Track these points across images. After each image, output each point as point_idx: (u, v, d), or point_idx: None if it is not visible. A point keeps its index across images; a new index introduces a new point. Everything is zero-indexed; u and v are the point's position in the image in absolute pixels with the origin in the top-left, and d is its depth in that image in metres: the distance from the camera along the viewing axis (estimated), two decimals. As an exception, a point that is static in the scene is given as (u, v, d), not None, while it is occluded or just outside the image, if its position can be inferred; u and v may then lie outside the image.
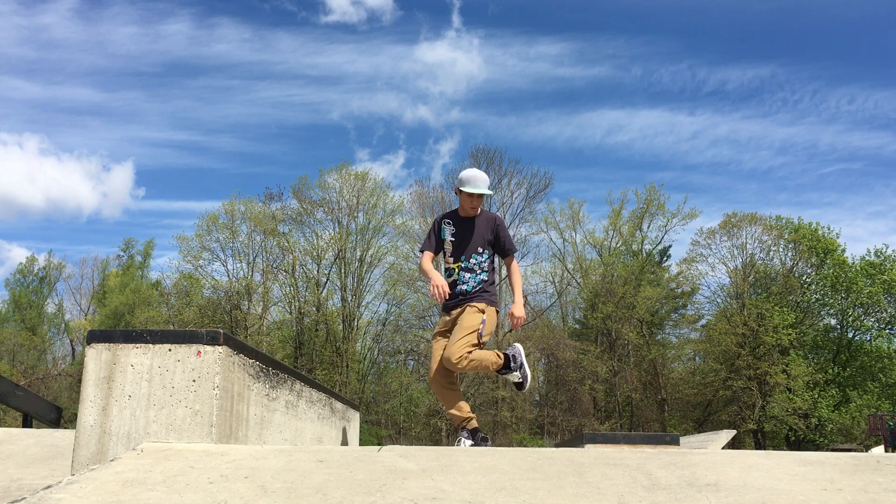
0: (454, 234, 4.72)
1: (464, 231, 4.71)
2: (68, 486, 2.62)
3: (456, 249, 4.70)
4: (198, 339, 3.27)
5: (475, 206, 4.69)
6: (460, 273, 4.65)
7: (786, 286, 36.24)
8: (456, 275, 4.66)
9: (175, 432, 3.17)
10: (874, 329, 36.09)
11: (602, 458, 2.86)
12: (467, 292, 4.63)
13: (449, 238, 4.73)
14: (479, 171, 4.71)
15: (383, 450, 3.01)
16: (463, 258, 4.67)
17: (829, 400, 34.13)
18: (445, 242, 4.75)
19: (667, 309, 40.04)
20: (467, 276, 4.64)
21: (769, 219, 38.14)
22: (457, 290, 4.64)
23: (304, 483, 2.56)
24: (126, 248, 50.96)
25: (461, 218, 4.75)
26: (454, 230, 4.73)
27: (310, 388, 5.01)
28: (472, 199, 4.65)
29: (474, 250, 4.68)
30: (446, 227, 4.77)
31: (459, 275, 4.65)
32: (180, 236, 43.15)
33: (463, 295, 4.63)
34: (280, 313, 38.91)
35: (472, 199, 4.65)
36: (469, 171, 4.69)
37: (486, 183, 4.68)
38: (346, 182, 37.82)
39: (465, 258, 4.66)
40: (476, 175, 4.66)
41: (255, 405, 3.72)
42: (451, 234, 4.73)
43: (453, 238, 4.72)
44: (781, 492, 2.43)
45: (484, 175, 4.71)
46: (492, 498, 2.39)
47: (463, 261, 4.66)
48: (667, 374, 38.72)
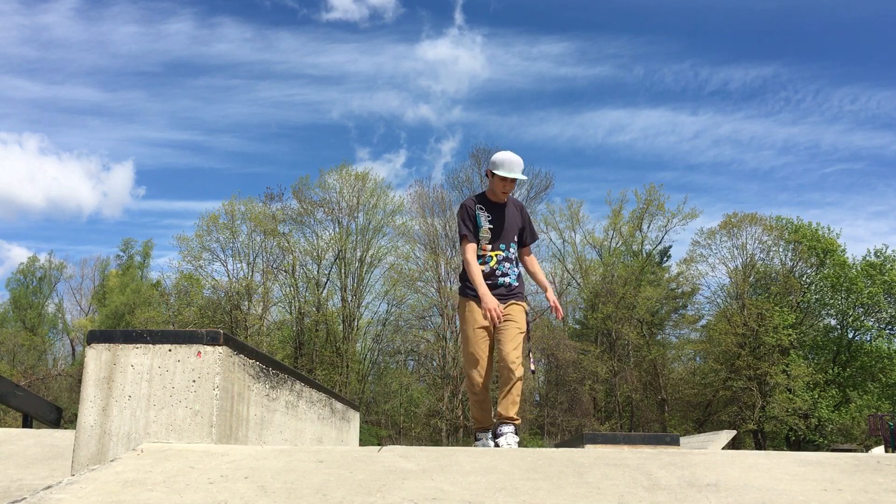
0: (490, 220, 4.40)
1: (498, 217, 4.41)
2: (68, 486, 2.62)
3: (494, 237, 4.38)
4: (198, 339, 3.27)
5: (507, 192, 4.39)
6: (500, 263, 4.37)
7: (786, 286, 36.24)
8: (494, 263, 4.37)
9: (175, 432, 3.17)
10: (874, 329, 36.10)
11: (602, 459, 2.86)
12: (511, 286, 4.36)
13: (487, 225, 4.39)
14: (514, 154, 4.35)
15: (383, 450, 3.01)
16: (502, 246, 4.38)
17: (830, 400, 34.12)
18: (482, 230, 4.39)
19: (667, 309, 40.05)
20: (507, 266, 4.37)
21: (769, 219, 38.20)
22: (498, 282, 4.34)
23: (304, 483, 2.57)
24: (125, 248, 51.01)
25: (492, 203, 4.44)
26: (489, 216, 4.41)
27: (310, 389, 5.01)
28: (504, 183, 4.34)
29: (511, 238, 4.43)
30: (481, 214, 4.42)
31: (500, 265, 4.37)
32: (180, 236, 43.22)
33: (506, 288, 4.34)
34: (280, 313, 38.95)
35: (504, 183, 4.34)
36: (503, 154, 4.36)
37: (521, 167, 4.35)
38: (347, 182, 37.86)
39: (504, 246, 4.39)
40: (511, 158, 4.32)
41: (255, 405, 3.72)
42: (489, 221, 4.40)
43: (491, 225, 4.39)
44: (781, 492, 2.43)
45: (519, 158, 4.35)
46: (492, 498, 2.39)
47: (502, 249, 4.38)
48: (667, 375, 38.73)
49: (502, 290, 4.32)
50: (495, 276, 4.33)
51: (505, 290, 4.34)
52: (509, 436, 4.23)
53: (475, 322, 4.26)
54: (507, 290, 4.35)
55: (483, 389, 4.27)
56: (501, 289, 4.32)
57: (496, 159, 4.34)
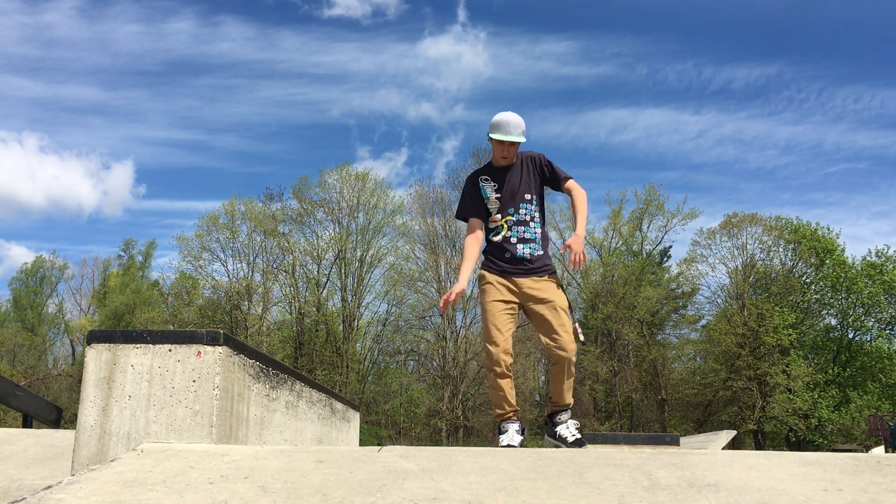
0: (497, 188, 4.03)
1: (505, 181, 4.03)
2: (68, 486, 2.62)
3: (503, 205, 4.02)
4: (198, 339, 3.27)
5: (506, 156, 4.00)
6: (512, 228, 3.98)
7: (786, 286, 36.24)
8: (506, 231, 3.98)
9: (175, 432, 3.17)
10: (874, 329, 36.10)
11: (602, 459, 2.86)
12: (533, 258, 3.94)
13: (494, 196, 4.04)
14: (512, 114, 3.97)
15: (383, 450, 3.01)
16: (511, 210, 4.00)
17: (830, 400, 34.11)
18: (490, 201, 4.05)
19: (667, 309, 40.03)
20: (521, 230, 3.96)
21: (769, 219, 38.19)
22: (518, 254, 3.93)
23: (304, 483, 2.56)
24: (126, 248, 51.02)
25: (497, 169, 4.08)
26: (495, 185, 4.04)
27: (310, 389, 5.01)
28: (502, 147, 3.97)
29: (521, 198, 4.01)
30: (486, 185, 4.06)
31: (512, 230, 3.97)
32: (180, 236, 43.24)
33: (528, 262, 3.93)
34: (280, 313, 38.96)
35: (502, 147, 3.97)
36: (500, 115, 3.98)
37: (520, 128, 3.94)
38: (347, 182, 37.86)
39: (513, 210, 4.00)
40: (506, 119, 3.94)
41: (255, 405, 3.72)
42: (494, 190, 4.04)
43: (498, 194, 4.03)
44: (781, 492, 2.43)
45: (517, 118, 3.95)
46: (492, 498, 2.39)
47: (511, 213, 4.00)
48: (667, 375, 38.72)
49: (523, 266, 3.92)
50: (511, 243, 3.95)
51: (527, 264, 3.93)
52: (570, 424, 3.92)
53: (495, 294, 3.91)
54: (531, 265, 3.93)
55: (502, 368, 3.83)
56: (522, 264, 3.92)
57: (493, 121, 3.99)
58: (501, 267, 3.96)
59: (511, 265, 3.94)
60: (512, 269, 3.93)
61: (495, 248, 4.02)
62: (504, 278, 3.93)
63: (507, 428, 3.91)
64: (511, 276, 3.93)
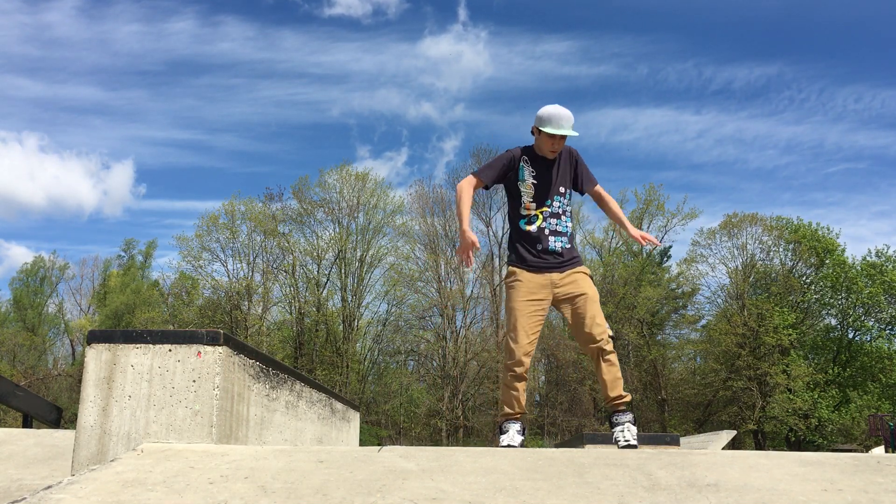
0: (535, 175, 3.99)
1: (545, 171, 4.00)
2: (68, 486, 2.62)
3: (538, 193, 3.97)
4: (198, 339, 3.27)
5: (556, 150, 3.95)
6: (546, 220, 3.95)
7: (786, 286, 36.24)
8: (541, 221, 3.95)
9: (175, 433, 3.17)
10: (874, 329, 36.11)
11: (602, 459, 2.86)
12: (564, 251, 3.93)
13: (531, 180, 3.98)
14: (563, 108, 3.92)
15: (383, 450, 3.01)
16: (548, 202, 3.96)
17: (830, 400, 34.12)
18: (525, 184, 3.98)
19: (667, 309, 40.04)
20: (555, 223, 3.95)
21: (769, 219, 38.21)
22: (550, 247, 3.91)
23: (304, 483, 2.56)
24: (127, 248, 51.02)
25: (538, 157, 4.02)
26: (534, 171, 3.99)
27: (310, 389, 5.01)
28: (553, 141, 3.91)
29: (557, 191, 4.00)
30: (525, 167, 3.99)
31: (546, 221, 3.94)
32: (180, 236, 43.27)
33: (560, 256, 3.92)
34: (280, 313, 38.98)
35: (553, 141, 3.91)
36: (550, 108, 3.91)
37: (571, 121, 3.90)
38: (347, 182, 37.88)
39: (549, 202, 3.96)
40: (559, 112, 3.88)
41: (255, 405, 3.72)
42: (532, 176, 3.98)
43: (535, 181, 3.98)
44: (781, 492, 2.43)
45: (568, 112, 3.90)
46: (492, 498, 2.39)
47: (548, 204, 3.96)
48: (667, 375, 38.73)
49: (556, 259, 3.89)
50: (545, 235, 3.91)
51: (560, 258, 3.90)
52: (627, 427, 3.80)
53: (526, 293, 3.86)
54: (562, 258, 3.90)
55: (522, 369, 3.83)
56: (555, 257, 3.90)
57: (542, 114, 3.90)
58: (533, 263, 3.91)
59: (544, 259, 3.90)
60: (544, 264, 3.89)
61: (527, 238, 3.95)
62: (537, 274, 3.88)
63: (509, 428, 3.87)
64: (544, 270, 3.89)
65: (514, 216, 4.05)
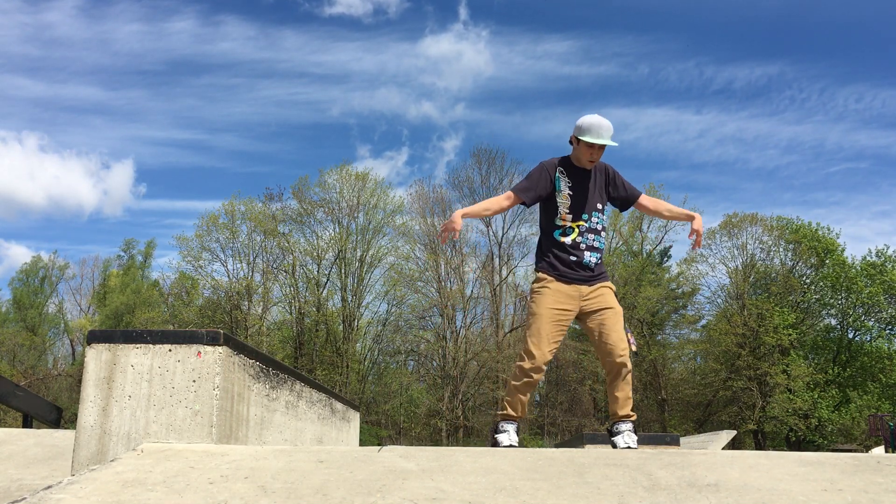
0: (571, 186, 3.96)
1: (582, 183, 3.97)
2: (68, 486, 2.62)
3: (575, 205, 3.94)
4: (198, 339, 3.27)
5: (595, 160, 3.94)
6: (583, 235, 3.92)
7: (786, 286, 36.24)
8: (577, 235, 3.92)
9: (175, 433, 3.17)
10: (874, 329, 36.10)
11: (602, 459, 2.86)
12: (596, 267, 3.93)
13: (567, 191, 3.95)
14: (602, 118, 3.93)
15: (383, 450, 3.01)
16: (585, 216, 3.94)
17: (830, 400, 34.11)
18: (561, 195, 3.95)
19: (667, 309, 40.03)
20: (592, 238, 3.93)
21: (769, 219, 38.21)
22: (584, 261, 3.90)
23: (304, 483, 2.56)
24: (127, 248, 51.02)
25: (575, 168, 4.00)
26: (570, 183, 3.96)
27: (310, 389, 5.01)
28: (592, 151, 3.90)
29: (595, 207, 3.97)
30: (562, 178, 3.97)
31: (583, 236, 3.92)
32: (180, 237, 43.25)
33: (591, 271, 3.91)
34: (280, 313, 38.97)
35: (592, 151, 3.90)
36: (590, 118, 3.92)
37: (611, 131, 3.91)
38: (347, 182, 37.86)
39: (587, 216, 3.94)
40: (599, 122, 3.89)
41: (255, 405, 3.72)
42: (569, 187, 3.96)
43: (571, 192, 3.95)
44: (781, 492, 2.43)
45: (608, 122, 3.92)
46: (492, 498, 2.39)
47: (585, 219, 3.94)
48: (667, 375, 38.72)
49: (587, 273, 3.90)
50: (580, 249, 3.90)
51: (591, 272, 3.91)
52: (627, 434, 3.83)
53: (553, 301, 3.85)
54: (592, 273, 3.91)
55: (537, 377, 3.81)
56: (586, 271, 3.89)
57: (582, 124, 3.91)
58: (564, 272, 3.90)
59: (575, 271, 3.90)
60: (575, 275, 3.89)
61: (562, 249, 3.93)
62: (567, 284, 3.88)
63: (507, 428, 3.88)
64: (574, 282, 3.89)
65: (549, 226, 4.01)
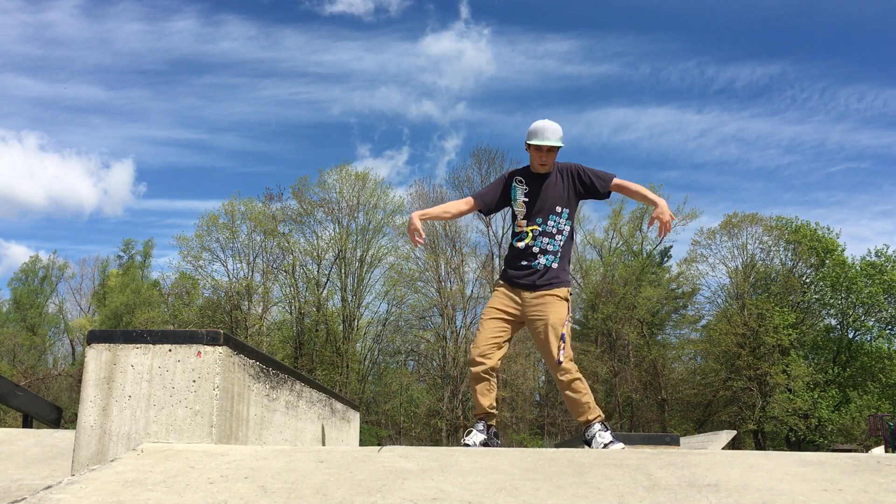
0: (527, 193, 4.05)
1: (538, 188, 4.05)
2: (68, 486, 2.62)
3: (529, 210, 4.04)
4: (198, 339, 3.27)
5: (545, 163, 4.02)
6: (537, 238, 3.99)
7: (786, 286, 36.24)
8: (530, 239, 4.00)
9: (175, 433, 3.17)
10: (874, 329, 36.10)
11: (602, 459, 2.86)
12: (547, 269, 3.95)
13: (522, 198, 4.06)
14: (549, 121, 4.01)
15: (383, 450, 3.01)
16: (539, 220, 4.01)
17: (830, 400, 34.11)
18: (517, 203, 4.08)
19: (667, 309, 40.04)
20: (546, 242, 3.98)
21: (769, 219, 38.22)
22: (534, 264, 3.96)
23: (304, 483, 2.56)
24: (126, 248, 51.03)
25: (533, 175, 4.09)
26: (527, 189, 4.06)
27: (310, 389, 5.01)
28: (540, 153, 3.99)
29: (552, 210, 4.02)
30: (518, 187, 4.09)
31: (536, 240, 3.99)
32: (180, 236, 43.27)
33: (540, 274, 3.95)
34: (280, 313, 38.98)
35: (540, 153, 3.99)
36: (536, 123, 4.03)
37: (557, 134, 3.98)
38: (347, 182, 37.88)
39: (541, 220, 4.01)
40: (543, 125, 3.99)
41: (255, 405, 3.72)
42: (524, 195, 4.06)
43: (526, 199, 4.04)
44: (781, 492, 2.43)
45: (554, 125, 4.00)
46: (492, 498, 2.39)
47: (539, 223, 4.01)
48: (667, 375, 38.72)
49: (532, 278, 3.94)
50: (532, 253, 3.97)
51: (538, 277, 3.94)
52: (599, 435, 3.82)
53: (498, 303, 4.01)
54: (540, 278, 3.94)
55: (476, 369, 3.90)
56: (532, 275, 3.95)
57: (529, 129, 4.03)
58: (510, 277, 4.03)
59: (520, 276, 3.99)
60: (519, 281, 3.99)
61: (514, 255, 4.06)
62: (511, 290, 4.01)
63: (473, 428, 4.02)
64: (518, 288, 3.99)
65: (511, 234, 4.18)
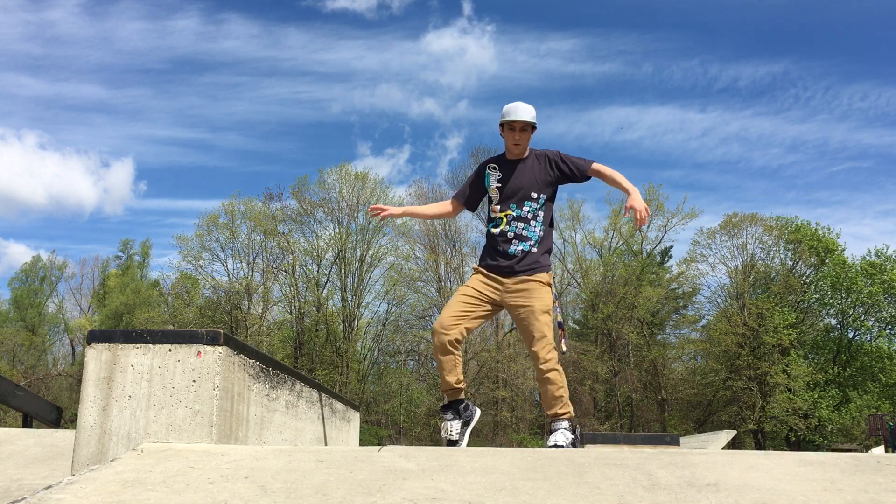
0: (500, 179, 4.00)
1: (511, 173, 3.98)
2: (68, 486, 2.62)
3: (503, 195, 3.97)
4: (198, 339, 3.27)
5: (518, 142, 3.94)
6: (511, 223, 3.91)
7: (786, 286, 36.24)
8: (504, 225, 3.93)
9: (175, 432, 3.17)
10: (874, 329, 36.11)
11: (602, 459, 2.86)
12: (525, 254, 3.87)
13: (495, 184, 4.00)
14: (522, 103, 3.94)
15: (383, 450, 3.01)
16: (513, 205, 3.93)
17: (830, 400, 34.13)
18: (491, 189, 4.03)
19: (667, 309, 40.05)
20: (521, 227, 3.90)
21: (770, 219, 38.24)
22: (511, 250, 3.89)
23: (304, 483, 2.57)
24: (124, 248, 51.05)
25: (508, 161, 4.03)
26: (500, 175, 4.01)
27: (310, 389, 5.01)
28: (513, 133, 3.92)
29: (527, 196, 3.93)
30: (491, 173, 4.04)
31: (510, 225, 3.91)
32: (180, 236, 43.19)
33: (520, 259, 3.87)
34: (280, 313, 38.97)
35: (513, 133, 3.92)
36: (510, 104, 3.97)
37: (530, 112, 3.90)
38: (346, 182, 37.88)
39: (515, 205, 3.93)
40: (516, 105, 3.92)
41: (255, 405, 3.72)
42: (497, 181, 4.00)
43: (500, 184, 3.98)
44: (781, 492, 2.43)
45: (527, 105, 3.93)
46: (492, 498, 2.39)
47: (513, 208, 3.93)
48: (667, 375, 38.73)
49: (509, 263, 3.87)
50: (507, 239, 3.90)
51: (516, 263, 3.87)
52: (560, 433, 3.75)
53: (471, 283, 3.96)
54: (518, 263, 3.87)
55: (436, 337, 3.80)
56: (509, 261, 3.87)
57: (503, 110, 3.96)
58: (488, 263, 3.96)
59: (497, 262, 3.91)
60: (495, 266, 3.92)
61: (491, 241, 4.01)
62: (489, 278, 3.93)
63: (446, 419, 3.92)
64: (497, 274, 3.91)
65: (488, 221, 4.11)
